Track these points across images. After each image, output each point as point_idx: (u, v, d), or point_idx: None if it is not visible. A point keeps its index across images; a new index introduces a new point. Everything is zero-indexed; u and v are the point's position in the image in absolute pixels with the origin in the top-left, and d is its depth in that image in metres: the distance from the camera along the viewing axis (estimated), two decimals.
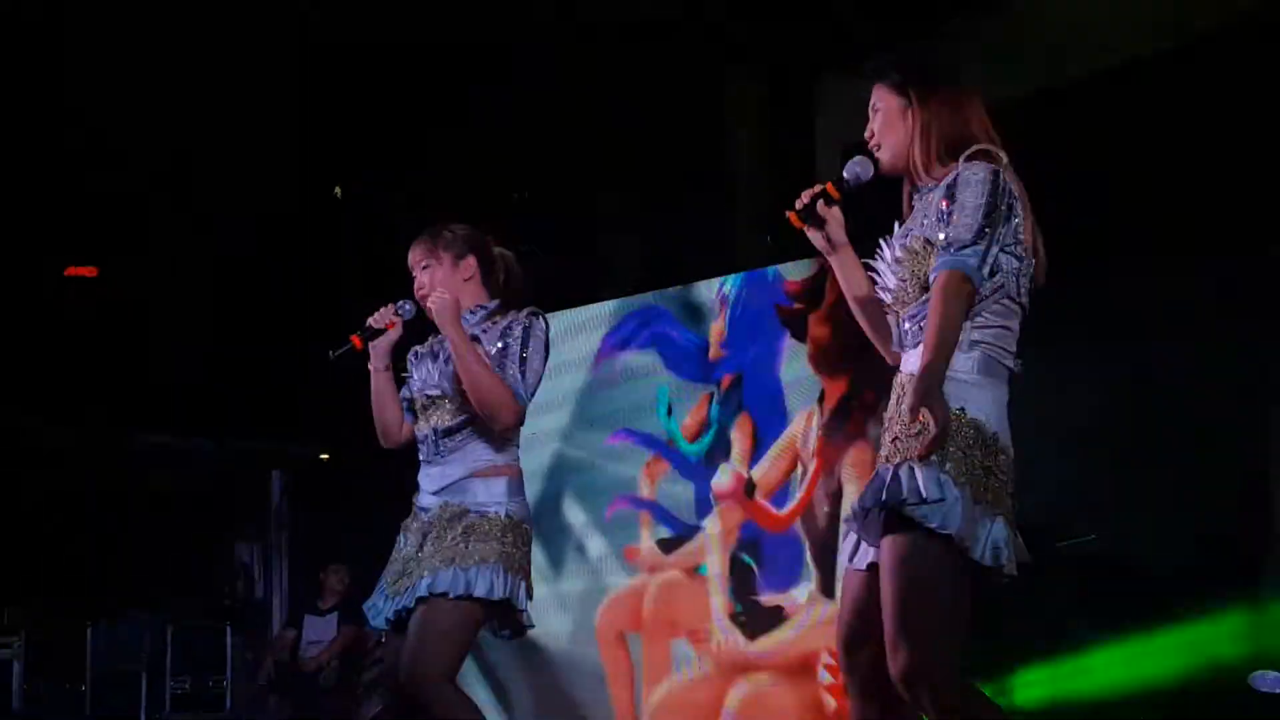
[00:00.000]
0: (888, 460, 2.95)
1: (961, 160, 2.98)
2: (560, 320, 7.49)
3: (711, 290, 7.47)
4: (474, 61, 7.78)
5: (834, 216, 3.10)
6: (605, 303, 7.92)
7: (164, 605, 9.73)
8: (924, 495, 2.80)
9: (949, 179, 2.98)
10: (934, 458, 2.83)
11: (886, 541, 2.89)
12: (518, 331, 3.92)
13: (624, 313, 7.79)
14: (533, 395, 3.91)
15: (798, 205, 3.08)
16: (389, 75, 7.90)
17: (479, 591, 3.75)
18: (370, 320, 4.03)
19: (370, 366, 4.04)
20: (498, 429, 3.84)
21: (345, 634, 8.71)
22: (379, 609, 3.93)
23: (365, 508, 7.32)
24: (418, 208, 7.07)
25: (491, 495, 3.87)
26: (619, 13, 7.56)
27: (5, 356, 9.01)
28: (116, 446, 10.10)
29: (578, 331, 7.89)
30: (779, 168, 8.04)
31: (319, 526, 10.08)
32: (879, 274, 3.11)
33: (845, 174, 3.10)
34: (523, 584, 3.85)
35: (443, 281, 3.99)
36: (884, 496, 2.86)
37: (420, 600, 3.78)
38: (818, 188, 3.08)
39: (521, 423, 3.89)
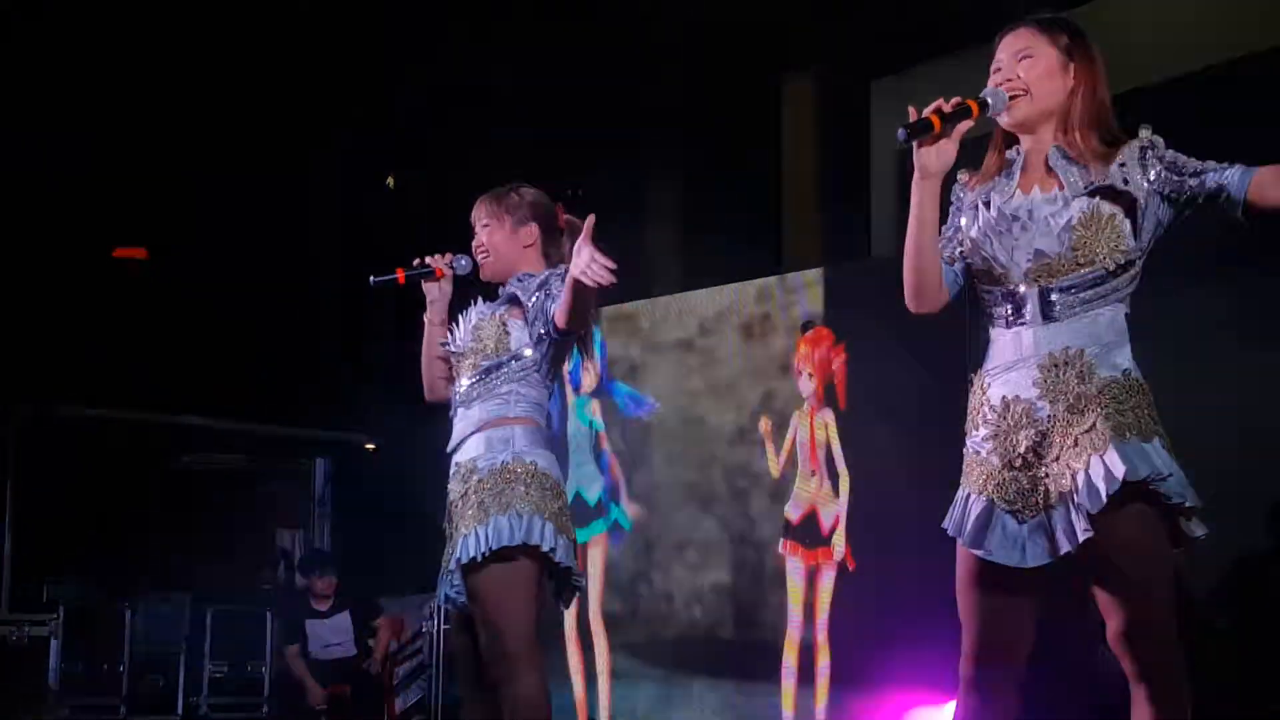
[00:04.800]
0: (1060, 447, 2.82)
1: (1151, 133, 2.89)
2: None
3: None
4: (529, 56, 7.78)
5: (956, 136, 2.87)
6: (652, 299, 7.85)
7: (205, 588, 9.77)
8: (1163, 471, 2.76)
9: (1146, 146, 2.87)
10: (1138, 430, 2.78)
11: (1124, 518, 2.75)
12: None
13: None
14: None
15: (945, 107, 2.83)
16: (443, 77, 7.92)
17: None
18: (425, 258, 3.91)
19: (426, 318, 3.92)
20: None
21: (391, 623, 8.64)
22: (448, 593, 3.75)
23: (410, 499, 7.32)
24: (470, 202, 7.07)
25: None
26: (678, 12, 7.56)
27: (51, 339, 9.04)
28: (160, 428, 10.14)
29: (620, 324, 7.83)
30: (830, 170, 8.02)
31: (361, 515, 10.06)
32: (989, 238, 2.92)
33: (988, 97, 2.90)
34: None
35: (499, 245, 3.86)
36: (1124, 477, 2.72)
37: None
38: (959, 99, 2.86)
39: None
